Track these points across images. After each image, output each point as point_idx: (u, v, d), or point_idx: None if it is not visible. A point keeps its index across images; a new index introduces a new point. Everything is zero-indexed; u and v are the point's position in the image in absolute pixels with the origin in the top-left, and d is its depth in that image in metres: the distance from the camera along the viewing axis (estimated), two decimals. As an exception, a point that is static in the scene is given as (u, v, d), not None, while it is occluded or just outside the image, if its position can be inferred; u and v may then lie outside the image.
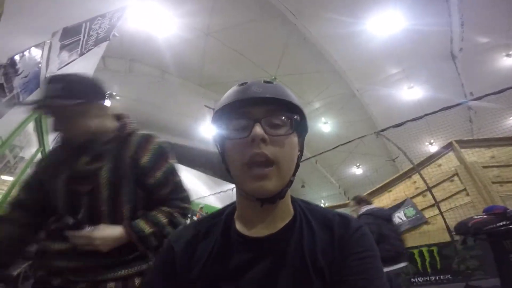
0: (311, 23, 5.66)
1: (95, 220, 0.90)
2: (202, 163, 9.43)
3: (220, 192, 7.51)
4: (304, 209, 0.59)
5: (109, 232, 0.90)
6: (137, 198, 0.97)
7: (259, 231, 0.54)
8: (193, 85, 7.43)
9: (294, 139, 0.54)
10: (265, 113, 0.51)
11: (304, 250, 0.50)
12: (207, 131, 8.70)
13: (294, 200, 0.61)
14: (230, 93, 0.55)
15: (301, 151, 0.58)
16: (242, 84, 0.55)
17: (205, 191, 8.79)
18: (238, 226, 0.57)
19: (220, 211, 0.64)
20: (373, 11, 5.28)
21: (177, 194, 1.02)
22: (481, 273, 1.71)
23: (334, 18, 5.32)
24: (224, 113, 0.54)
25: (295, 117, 0.54)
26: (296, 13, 5.46)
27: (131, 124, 1.04)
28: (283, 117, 0.53)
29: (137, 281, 0.92)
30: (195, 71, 7.01)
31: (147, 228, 0.92)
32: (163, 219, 0.96)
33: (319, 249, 0.50)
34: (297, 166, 0.56)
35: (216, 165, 9.55)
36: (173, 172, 1.03)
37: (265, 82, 0.55)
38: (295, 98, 0.55)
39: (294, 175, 0.55)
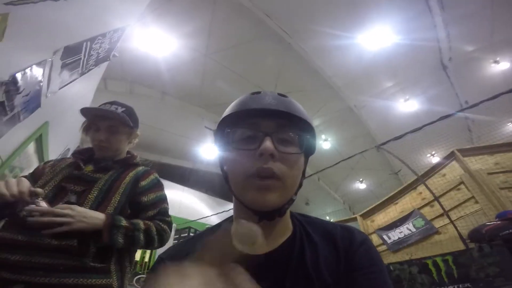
0: (305, 41, 5.87)
1: None
2: (201, 183, 9.35)
3: (223, 212, 7.37)
4: (303, 223, 0.56)
5: (90, 211, 0.90)
6: (123, 212, 1.01)
7: (258, 248, 0.50)
8: (193, 107, 7.54)
9: (302, 158, 0.52)
10: (276, 127, 0.50)
11: (308, 265, 0.47)
12: (208, 153, 8.70)
13: (292, 215, 0.58)
14: (242, 100, 0.53)
15: (304, 170, 0.55)
16: (255, 93, 0.53)
17: (208, 212, 8.63)
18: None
19: (216, 227, 0.60)
20: (364, 27, 5.50)
21: (161, 217, 1.09)
22: (503, 280, 1.62)
23: (327, 33, 5.51)
24: (233, 119, 0.52)
25: (307, 136, 0.51)
26: (290, 32, 5.69)
27: (137, 157, 1.25)
28: (294, 134, 0.50)
29: None
30: (195, 93, 7.14)
31: (124, 221, 0.93)
32: (141, 224, 0.98)
33: (323, 263, 0.48)
34: (300, 185, 0.53)
35: (216, 186, 9.47)
36: (163, 199, 1.15)
37: (280, 94, 0.53)
38: (308, 116, 0.53)
39: (295, 194, 0.53)
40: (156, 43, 5.40)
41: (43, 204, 0.82)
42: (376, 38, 5.64)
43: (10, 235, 0.82)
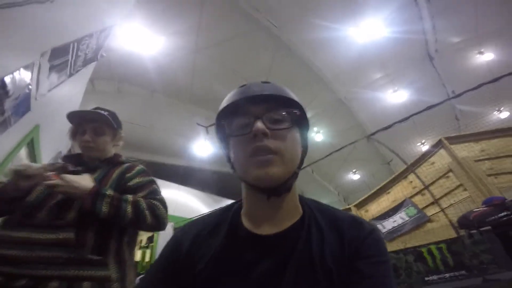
0: (294, 33, 5.86)
1: (66, 209, 0.95)
2: (196, 181, 9.30)
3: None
4: (314, 209, 0.59)
5: (81, 180, 0.97)
6: None
7: (267, 229, 0.54)
8: (184, 104, 7.44)
9: (296, 133, 0.56)
10: (265, 110, 0.54)
11: (312, 250, 0.50)
12: (201, 150, 8.63)
13: (303, 200, 0.61)
14: (231, 94, 0.58)
15: (304, 146, 0.59)
16: (242, 86, 0.58)
17: (204, 209, 8.62)
18: (246, 223, 0.57)
19: (228, 207, 0.64)
20: (353, 19, 5.52)
21: (152, 195, 1.11)
22: (495, 267, 1.68)
23: (316, 25, 5.51)
24: (227, 113, 0.56)
25: (295, 111, 0.55)
26: (279, 25, 5.66)
27: (122, 156, 1.30)
28: (283, 112, 0.55)
29: (86, 286, 0.85)
30: (185, 89, 7.05)
31: (109, 191, 0.98)
32: (129, 197, 1.01)
33: (328, 249, 0.50)
34: (302, 161, 0.57)
35: (212, 183, 9.45)
36: (151, 182, 1.17)
37: (263, 82, 0.58)
38: (293, 95, 0.58)
39: (299, 168, 0.56)
40: (144, 41, 5.26)
41: (54, 178, 0.93)
42: (365, 30, 5.68)
43: (10, 232, 0.86)
